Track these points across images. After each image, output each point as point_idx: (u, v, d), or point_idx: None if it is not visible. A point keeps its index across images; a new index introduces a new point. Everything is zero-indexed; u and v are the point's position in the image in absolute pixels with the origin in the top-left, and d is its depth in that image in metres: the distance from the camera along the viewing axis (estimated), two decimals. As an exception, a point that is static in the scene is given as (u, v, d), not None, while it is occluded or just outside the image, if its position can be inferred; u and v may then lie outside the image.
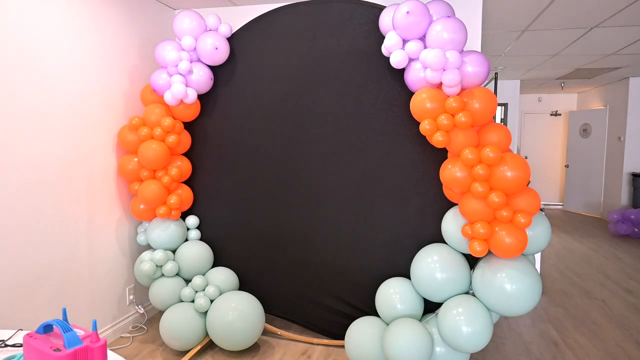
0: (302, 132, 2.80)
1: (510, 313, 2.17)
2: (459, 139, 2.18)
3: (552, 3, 3.20)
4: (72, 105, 2.55)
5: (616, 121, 7.25)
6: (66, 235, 2.53)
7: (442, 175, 2.28)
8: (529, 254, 2.30)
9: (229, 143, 2.97)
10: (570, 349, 2.89)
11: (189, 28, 2.71)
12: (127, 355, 2.74)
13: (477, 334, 2.13)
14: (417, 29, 2.22)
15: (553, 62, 5.54)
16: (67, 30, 2.49)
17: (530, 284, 2.12)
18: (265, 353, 2.77)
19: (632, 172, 6.86)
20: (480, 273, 2.25)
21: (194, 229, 3.05)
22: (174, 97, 2.68)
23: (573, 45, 4.54)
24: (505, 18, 3.59)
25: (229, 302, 2.67)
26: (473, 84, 2.22)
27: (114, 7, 2.84)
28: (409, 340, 2.20)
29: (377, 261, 2.70)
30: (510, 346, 2.92)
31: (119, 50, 2.90)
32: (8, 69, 2.16)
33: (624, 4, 3.21)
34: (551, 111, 8.94)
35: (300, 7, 2.72)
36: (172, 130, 2.77)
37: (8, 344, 1.22)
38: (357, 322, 2.56)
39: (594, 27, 3.87)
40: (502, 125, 2.25)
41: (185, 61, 2.67)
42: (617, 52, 4.94)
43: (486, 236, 2.13)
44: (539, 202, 2.16)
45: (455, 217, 2.34)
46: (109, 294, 2.91)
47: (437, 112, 2.21)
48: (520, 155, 2.25)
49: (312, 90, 2.75)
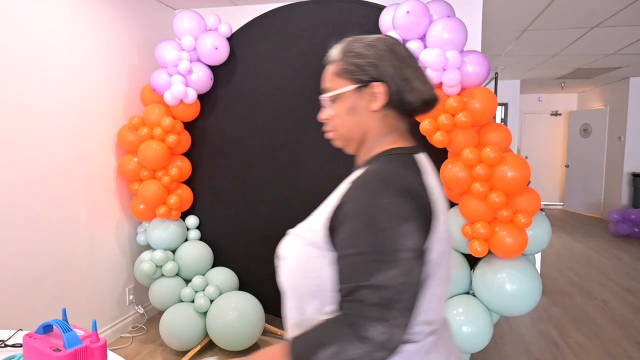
0: (302, 132, 2.80)
1: (510, 313, 2.17)
2: (459, 139, 2.18)
3: (552, 3, 3.20)
4: (72, 105, 2.55)
5: (616, 121, 7.24)
6: (66, 235, 2.53)
7: (442, 175, 2.28)
8: (529, 254, 2.30)
9: (229, 143, 2.97)
10: (570, 349, 2.89)
11: (189, 28, 2.71)
12: (127, 355, 2.74)
13: (477, 334, 2.13)
14: (417, 29, 2.21)
15: (553, 62, 5.54)
16: (67, 30, 2.49)
17: (531, 284, 2.12)
18: (265, 353, 2.77)
19: (633, 172, 6.86)
20: (480, 273, 2.25)
21: (193, 229, 3.05)
22: (174, 97, 2.68)
23: (573, 45, 4.54)
24: (505, 18, 3.59)
25: (229, 302, 2.67)
26: (473, 83, 2.22)
27: (114, 7, 2.84)
28: (409, 340, 2.20)
29: (377, 261, 2.70)
30: (510, 346, 2.92)
31: (118, 50, 2.90)
32: (8, 69, 2.15)
33: (624, 4, 3.21)
34: (551, 111, 8.94)
35: (300, 7, 2.72)
36: (172, 130, 2.77)
37: (8, 344, 1.22)
38: (357, 322, 2.56)
39: (594, 27, 3.87)
40: (502, 125, 2.25)
41: (185, 61, 2.67)
42: (617, 52, 4.94)
43: (486, 236, 2.13)
44: (539, 202, 2.16)
45: (455, 217, 2.34)
46: (108, 294, 2.91)
47: (437, 112, 2.21)
48: (520, 155, 2.25)
49: (312, 90, 2.75)
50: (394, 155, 0.85)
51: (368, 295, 0.67)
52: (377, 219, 0.70)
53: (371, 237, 0.70)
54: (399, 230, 0.70)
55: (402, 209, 0.71)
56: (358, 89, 0.85)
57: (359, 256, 0.70)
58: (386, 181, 0.74)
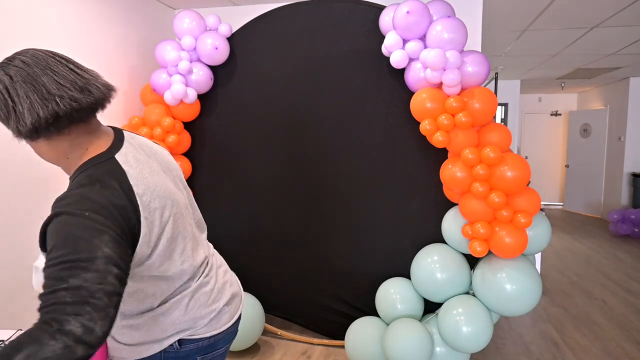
0: (301, 132, 2.80)
1: (510, 313, 2.16)
2: (459, 139, 2.18)
3: (552, 3, 3.20)
4: (72, 105, 2.54)
5: (616, 121, 7.24)
6: (66, 235, 2.53)
7: (442, 175, 2.28)
8: (529, 254, 2.29)
9: (229, 143, 2.97)
10: (570, 349, 2.89)
11: (189, 28, 2.70)
12: (127, 355, 2.73)
13: (477, 334, 2.13)
14: (417, 29, 2.21)
15: (553, 62, 5.54)
16: (67, 30, 2.49)
17: (531, 284, 2.12)
18: (265, 353, 2.77)
19: (633, 172, 6.85)
20: (480, 273, 2.25)
21: (194, 229, 3.04)
22: (174, 97, 2.68)
23: (573, 45, 4.54)
24: (505, 18, 3.58)
25: (229, 302, 2.66)
26: (473, 83, 2.22)
27: (114, 7, 2.84)
28: (409, 340, 2.20)
29: (377, 261, 2.70)
30: (510, 346, 2.92)
31: (118, 50, 2.90)
32: (8, 68, 2.15)
33: (624, 4, 3.21)
34: (551, 111, 8.94)
35: (300, 7, 2.72)
36: (172, 130, 2.77)
37: (8, 344, 1.22)
38: (357, 322, 2.56)
39: (594, 27, 3.87)
40: (502, 125, 2.25)
41: (185, 61, 2.67)
42: (617, 52, 4.94)
43: (486, 236, 2.13)
44: (539, 202, 2.16)
45: (455, 217, 2.33)
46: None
47: (437, 112, 2.20)
48: (520, 155, 2.24)
49: (312, 90, 2.75)
50: (90, 169, 0.92)
51: (64, 295, 0.75)
52: (75, 233, 0.81)
53: (69, 248, 0.79)
54: (93, 241, 0.80)
55: (96, 224, 0.82)
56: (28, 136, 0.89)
57: (58, 265, 0.78)
58: (80, 202, 0.84)
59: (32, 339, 0.72)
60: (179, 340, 1.07)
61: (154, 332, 1.03)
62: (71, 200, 0.85)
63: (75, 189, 0.87)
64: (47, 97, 0.87)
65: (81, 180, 0.89)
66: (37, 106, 0.86)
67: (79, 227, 0.81)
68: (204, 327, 1.11)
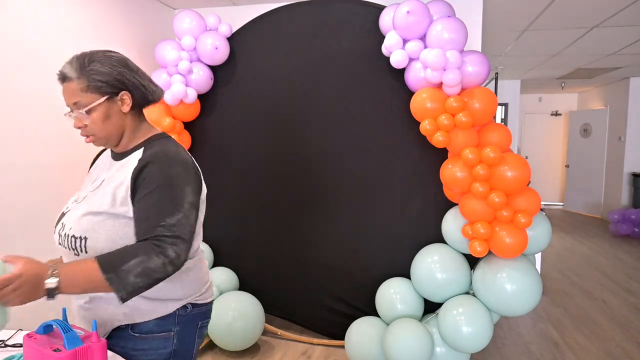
0: (301, 132, 2.80)
1: (510, 313, 2.17)
2: (459, 139, 2.18)
3: (552, 3, 3.20)
4: (72, 105, 2.54)
5: (616, 121, 7.24)
6: (66, 235, 2.53)
7: (442, 175, 2.28)
8: (529, 254, 2.29)
9: (229, 143, 2.97)
10: (570, 349, 2.89)
11: (189, 28, 2.70)
12: (127, 355, 2.73)
13: (477, 334, 2.13)
14: (417, 29, 2.21)
15: (553, 62, 5.54)
16: (68, 30, 2.49)
17: (531, 284, 2.12)
18: (265, 353, 2.77)
19: (633, 172, 6.85)
20: (480, 273, 2.25)
21: (194, 229, 3.04)
22: (174, 96, 2.68)
23: (573, 45, 4.54)
24: (505, 18, 3.59)
25: (229, 302, 2.67)
26: (473, 83, 2.22)
27: (114, 7, 2.84)
28: (409, 340, 2.20)
29: (377, 261, 2.70)
30: (510, 346, 2.92)
31: (118, 49, 2.90)
32: (8, 69, 2.15)
33: (624, 4, 3.21)
34: (551, 111, 8.94)
35: (300, 7, 2.72)
36: (172, 130, 2.77)
37: (8, 344, 1.22)
38: (357, 322, 2.56)
39: (594, 27, 3.87)
40: (503, 125, 2.25)
41: (185, 61, 2.67)
42: (617, 52, 4.94)
43: (486, 236, 2.13)
44: (539, 202, 2.16)
45: (455, 217, 2.33)
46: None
47: (437, 112, 2.20)
48: (520, 155, 2.24)
49: (312, 90, 2.75)
50: (163, 139, 1.18)
51: (164, 230, 1.02)
52: (171, 182, 1.06)
53: (167, 193, 1.05)
54: (184, 190, 1.08)
55: (186, 175, 1.10)
56: (109, 99, 1.10)
57: (156, 206, 1.04)
58: (173, 157, 1.10)
59: (143, 251, 0.99)
60: (188, 303, 1.20)
61: (175, 289, 1.16)
62: (166, 158, 1.09)
63: (166, 152, 1.11)
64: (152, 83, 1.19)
65: (166, 147, 1.13)
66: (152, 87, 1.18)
67: (175, 179, 1.07)
68: (206, 293, 1.25)
